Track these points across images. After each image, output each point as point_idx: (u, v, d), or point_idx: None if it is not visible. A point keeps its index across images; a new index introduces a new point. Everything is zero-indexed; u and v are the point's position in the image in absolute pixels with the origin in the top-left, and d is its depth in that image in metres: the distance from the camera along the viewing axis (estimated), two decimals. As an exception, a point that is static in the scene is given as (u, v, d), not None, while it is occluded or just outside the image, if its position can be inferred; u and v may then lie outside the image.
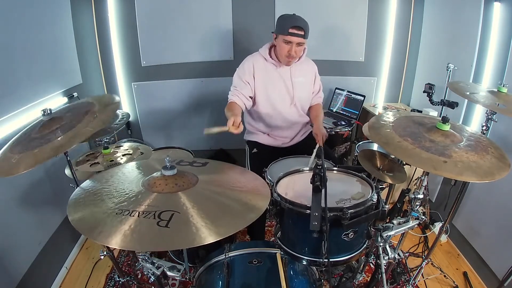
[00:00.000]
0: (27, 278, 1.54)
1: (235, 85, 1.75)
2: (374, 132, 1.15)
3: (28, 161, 0.98)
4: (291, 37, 1.60)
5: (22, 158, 1.00)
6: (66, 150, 1.05)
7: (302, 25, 1.59)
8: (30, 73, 1.71)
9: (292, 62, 1.73)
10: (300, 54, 1.72)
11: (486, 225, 1.84)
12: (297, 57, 1.70)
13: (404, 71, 2.73)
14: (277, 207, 1.11)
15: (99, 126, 1.08)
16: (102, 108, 1.19)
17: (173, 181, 0.96)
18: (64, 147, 1.03)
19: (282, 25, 1.61)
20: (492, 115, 1.43)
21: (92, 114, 1.15)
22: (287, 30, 1.59)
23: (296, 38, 1.60)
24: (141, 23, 2.43)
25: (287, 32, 1.59)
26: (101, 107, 1.20)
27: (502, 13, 1.77)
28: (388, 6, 2.52)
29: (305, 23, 1.61)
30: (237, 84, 1.74)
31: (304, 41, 1.64)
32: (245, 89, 1.72)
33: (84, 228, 0.81)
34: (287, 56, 1.66)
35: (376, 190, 1.10)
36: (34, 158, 0.99)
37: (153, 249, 0.91)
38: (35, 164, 0.97)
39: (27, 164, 0.97)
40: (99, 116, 1.13)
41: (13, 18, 1.58)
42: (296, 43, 1.62)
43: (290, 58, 1.68)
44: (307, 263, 1.12)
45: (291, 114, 1.86)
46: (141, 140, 2.79)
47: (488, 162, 0.98)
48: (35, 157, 0.99)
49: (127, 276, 1.46)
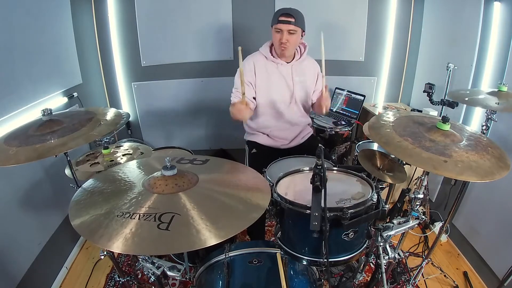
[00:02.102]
0: (27, 278, 1.54)
1: (237, 86, 1.74)
2: (374, 131, 1.15)
3: (29, 154, 1.02)
4: (281, 24, 1.61)
5: (21, 151, 1.03)
6: (69, 149, 1.07)
7: (292, 13, 1.60)
8: (30, 73, 1.71)
9: (286, 51, 1.69)
10: (294, 43, 1.68)
11: (486, 225, 1.84)
12: (291, 45, 1.67)
13: (404, 71, 2.73)
14: (277, 207, 1.11)
15: (105, 132, 1.15)
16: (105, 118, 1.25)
17: (173, 181, 0.95)
18: (67, 146, 1.05)
19: (274, 16, 1.64)
20: (492, 114, 1.43)
21: (96, 121, 1.21)
22: (276, 18, 1.61)
23: (285, 26, 1.60)
24: (141, 23, 2.43)
25: (277, 21, 1.61)
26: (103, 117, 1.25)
27: (502, 13, 1.77)
28: (388, 6, 2.52)
29: (296, 11, 1.62)
30: (239, 86, 1.74)
31: (296, 29, 1.62)
32: (246, 90, 1.72)
33: (86, 232, 0.80)
34: (279, 44, 1.66)
35: (376, 190, 1.10)
36: (36, 152, 1.02)
37: (153, 253, 0.91)
38: (37, 158, 1.00)
39: (27, 157, 1.00)
40: (104, 123, 1.19)
41: (13, 19, 1.58)
42: (286, 31, 1.61)
43: (282, 47, 1.66)
44: (307, 263, 1.11)
45: (291, 113, 1.85)
46: (141, 140, 2.79)
47: (488, 162, 0.98)
48: (36, 151, 1.03)
49: (127, 276, 1.46)
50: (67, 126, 1.16)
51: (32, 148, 1.04)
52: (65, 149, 1.05)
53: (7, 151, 1.04)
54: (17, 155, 1.01)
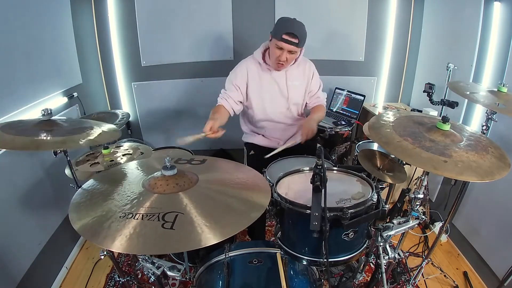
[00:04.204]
0: (28, 278, 1.54)
1: (226, 88, 1.75)
2: (374, 131, 1.15)
3: (26, 143, 1.05)
4: (283, 43, 1.54)
5: (18, 139, 1.06)
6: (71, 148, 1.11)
7: (297, 33, 1.52)
8: (30, 73, 1.71)
9: (281, 68, 1.69)
10: (291, 62, 1.68)
11: (486, 225, 1.84)
12: (287, 64, 1.67)
13: (404, 71, 2.73)
14: (277, 207, 1.11)
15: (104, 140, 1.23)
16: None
17: (174, 181, 0.95)
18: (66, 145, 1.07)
19: (278, 29, 1.56)
20: (492, 114, 1.43)
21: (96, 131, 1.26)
22: (280, 35, 1.53)
23: (288, 46, 1.55)
24: (141, 23, 2.43)
25: (280, 38, 1.53)
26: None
27: (502, 13, 1.77)
28: (388, 6, 2.52)
29: (301, 31, 1.55)
30: (228, 88, 1.74)
31: (297, 49, 1.60)
32: (234, 93, 1.72)
33: (89, 234, 0.80)
34: (277, 62, 1.62)
35: (376, 190, 1.10)
36: (34, 144, 1.06)
37: (159, 252, 0.91)
38: (35, 148, 1.07)
39: (24, 144, 1.05)
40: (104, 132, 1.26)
41: (13, 18, 1.58)
42: (287, 50, 1.57)
43: (279, 65, 1.64)
44: (307, 263, 1.11)
45: (286, 117, 1.86)
46: (141, 140, 2.79)
47: (488, 162, 0.98)
48: (34, 143, 1.06)
49: (127, 276, 1.46)
50: (65, 128, 1.17)
51: (30, 139, 1.07)
52: (63, 147, 1.08)
53: (4, 136, 1.06)
54: (14, 141, 1.04)
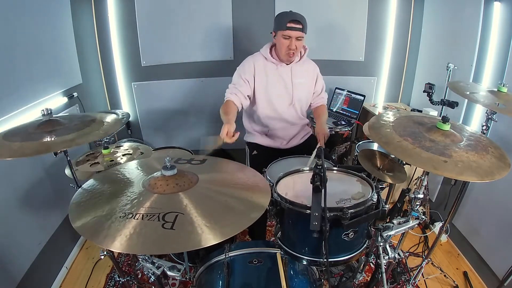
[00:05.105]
0: (27, 278, 1.54)
1: (234, 82, 1.75)
2: (374, 131, 1.15)
3: (37, 147, 1.04)
4: (290, 31, 1.60)
5: (27, 145, 1.05)
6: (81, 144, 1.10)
7: (300, 19, 1.60)
8: (30, 73, 1.71)
9: (293, 58, 1.72)
10: (299, 49, 1.71)
11: (486, 225, 1.84)
12: (297, 52, 1.69)
13: (404, 71, 2.73)
14: (277, 207, 1.11)
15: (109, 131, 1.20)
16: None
17: (174, 181, 0.95)
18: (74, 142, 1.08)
19: (280, 21, 1.62)
20: (492, 114, 1.43)
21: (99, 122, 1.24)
22: (285, 25, 1.59)
23: (295, 32, 1.60)
24: (141, 23, 2.43)
25: (286, 27, 1.59)
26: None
27: (502, 13, 1.77)
28: (388, 6, 2.52)
29: (302, 17, 1.62)
30: (236, 82, 1.74)
31: (303, 35, 1.64)
32: (244, 87, 1.72)
33: (89, 233, 0.80)
34: (287, 51, 1.66)
35: (376, 190, 1.10)
36: (45, 146, 1.06)
37: (159, 252, 0.91)
38: (46, 151, 1.05)
39: (35, 150, 1.03)
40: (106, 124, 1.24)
41: (13, 18, 1.58)
42: (295, 37, 1.62)
43: (291, 54, 1.67)
44: (307, 263, 1.12)
45: (290, 115, 1.86)
46: (141, 140, 2.79)
47: (488, 162, 0.98)
48: (44, 145, 1.05)
49: (127, 276, 1.46)
50: (67, 126, 1.17)
51: (39, 143, 1.06)
52: (73, 145, 1.09)
53: (10, 146, 1.05)
54: (23, 148, 1.03)
